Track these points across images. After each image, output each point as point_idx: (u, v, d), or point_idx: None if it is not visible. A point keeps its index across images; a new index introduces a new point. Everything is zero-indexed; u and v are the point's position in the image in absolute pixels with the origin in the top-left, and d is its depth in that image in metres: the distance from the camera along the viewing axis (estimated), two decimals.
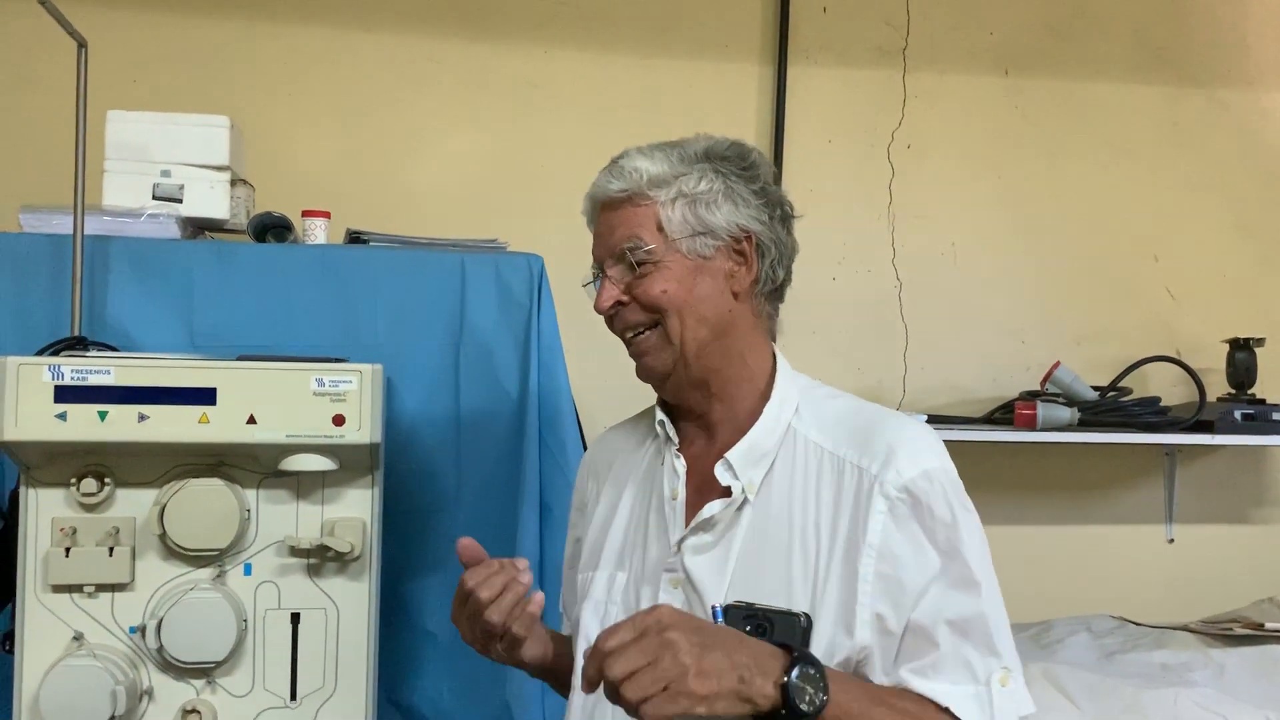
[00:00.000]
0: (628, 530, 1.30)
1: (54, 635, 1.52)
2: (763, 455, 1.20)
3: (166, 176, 1.88)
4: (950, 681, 1.10)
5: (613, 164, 1.25)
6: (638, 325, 1.24)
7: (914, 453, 1.15)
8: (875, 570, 1.12)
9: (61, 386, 1.44)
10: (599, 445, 1.46)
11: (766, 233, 1.23)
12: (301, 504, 1.58)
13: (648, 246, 1.21)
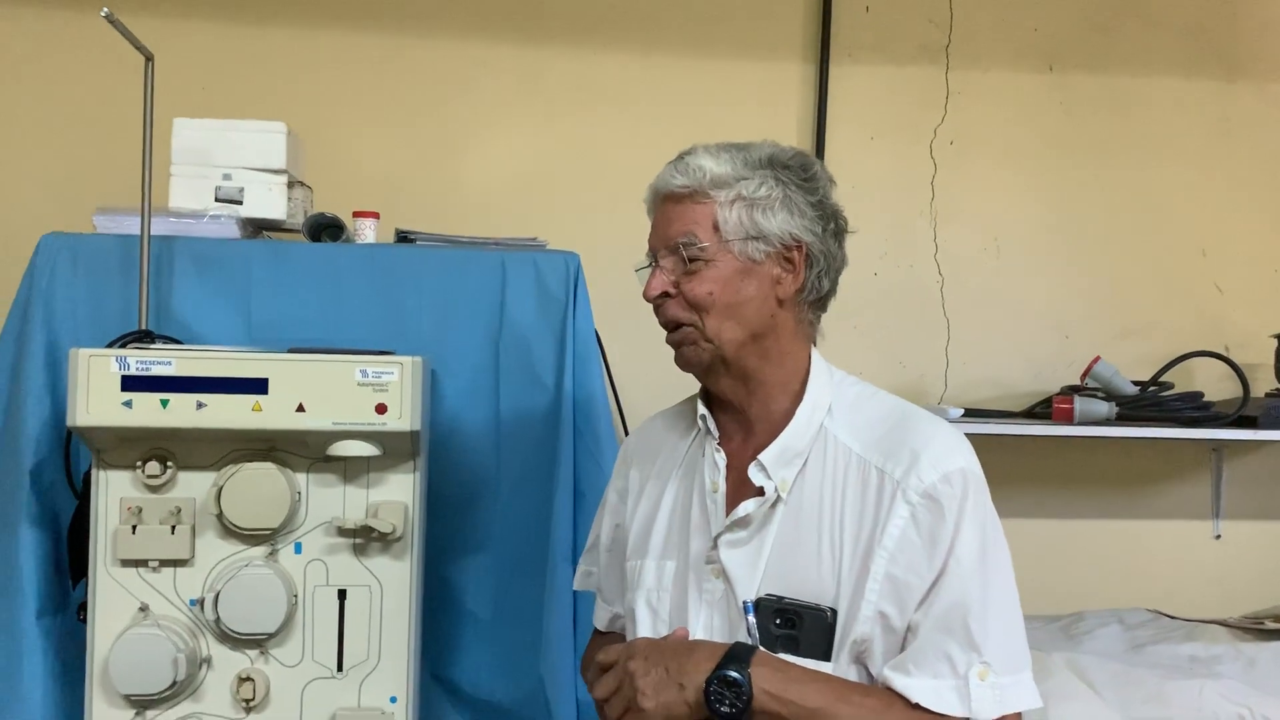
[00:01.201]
0: (672, 520, 1.35)
1: (122, 606, 1.63)
2: (795, 456, 1.26)
3: (228, 180, 1.98)
4: (930, 675, 1.15)
5: (679, 159, 1.30)
6: (680, 320, 1.29)
7: (936, 458, 1.19)
8: (886, 571, 1.17)
9: (127, 376, 1.56)
10: (640, 434, 1.51)
11: (818, 244, 1.28)
12: (348, 487, 1.68)
13: (701, 244, 1.26)
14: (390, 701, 1.68)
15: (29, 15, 2.44)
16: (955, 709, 1.14)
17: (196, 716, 1.65)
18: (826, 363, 1.34)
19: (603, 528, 1.50)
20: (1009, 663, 1.17)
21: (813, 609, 1.20)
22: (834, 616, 1.19)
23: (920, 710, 1.14)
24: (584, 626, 1.82)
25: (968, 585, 1.16)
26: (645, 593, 1.34)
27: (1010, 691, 1.16)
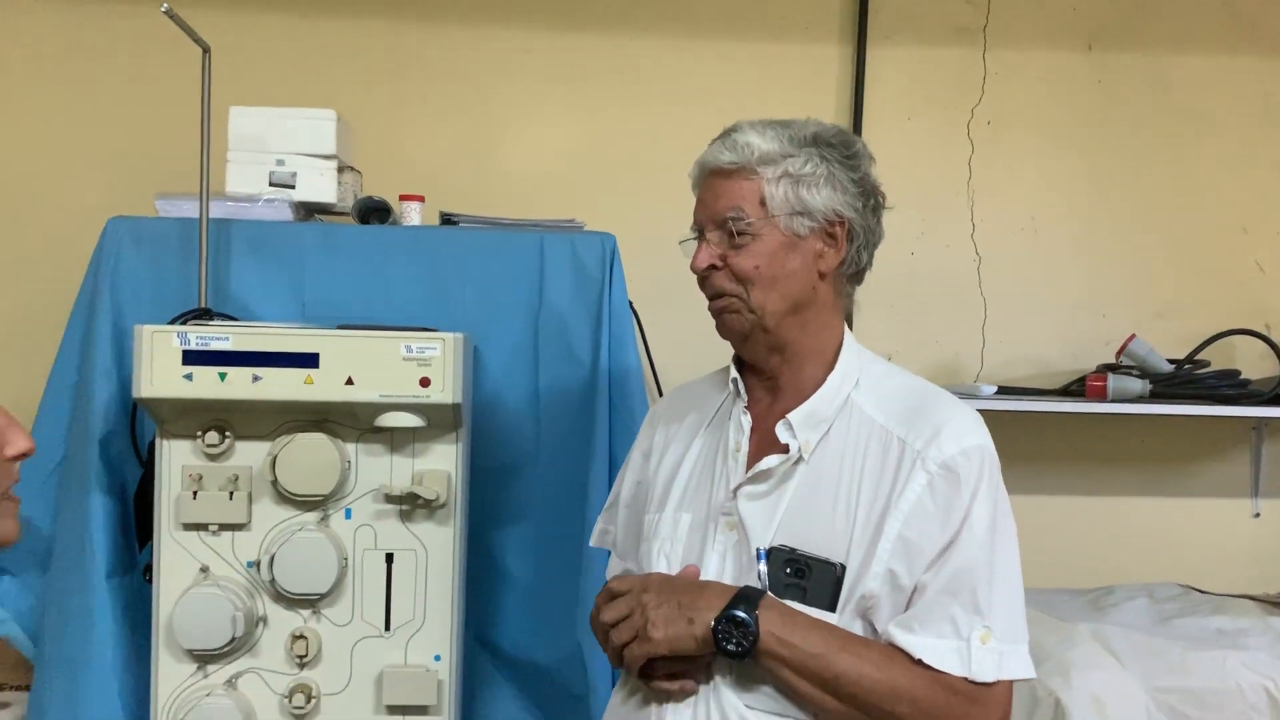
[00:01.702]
0: (693, 475, 1.40)
1: (185, 567, 1.74)
2: (821, 420, 1.31)
3: (281, 165, 2.07)
4: (934, 634, 1.20)
5: (726, 135, 1.34)
6: (725, 290, 1.34)
7: (956, 433, 1.25)
8: (899, 532, 1.22)
9: (188, 351, 1.66)
10: (670, 399, 1.57)
11: (859, 219, 1.33)
12: (394, 456, 1.77)
13: (748, 219, 1.30)
14: (435, 660, 1.77)
15: (94, 10, 2.55)
16: (955, 668, 1.19)
17: (254, 671, 1.75)
18: (856, 342, 1.39)
19: (624, 485, 1.55)
20: (1010, 632, 1.22)
21: (822, 562, 1.25)
22: (842, 571, 1.24)
23: (921, 666, 1.19)
24: None
25: (978, 554, 1.21)
26: (660, 542, 1.38)
27: (1009, 659, 1.21)
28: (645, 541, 1.42)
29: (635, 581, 1.31)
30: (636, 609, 1.26)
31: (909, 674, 1.20)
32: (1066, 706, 1.87)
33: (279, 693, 1.75)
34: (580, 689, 1.93)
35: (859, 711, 1.21)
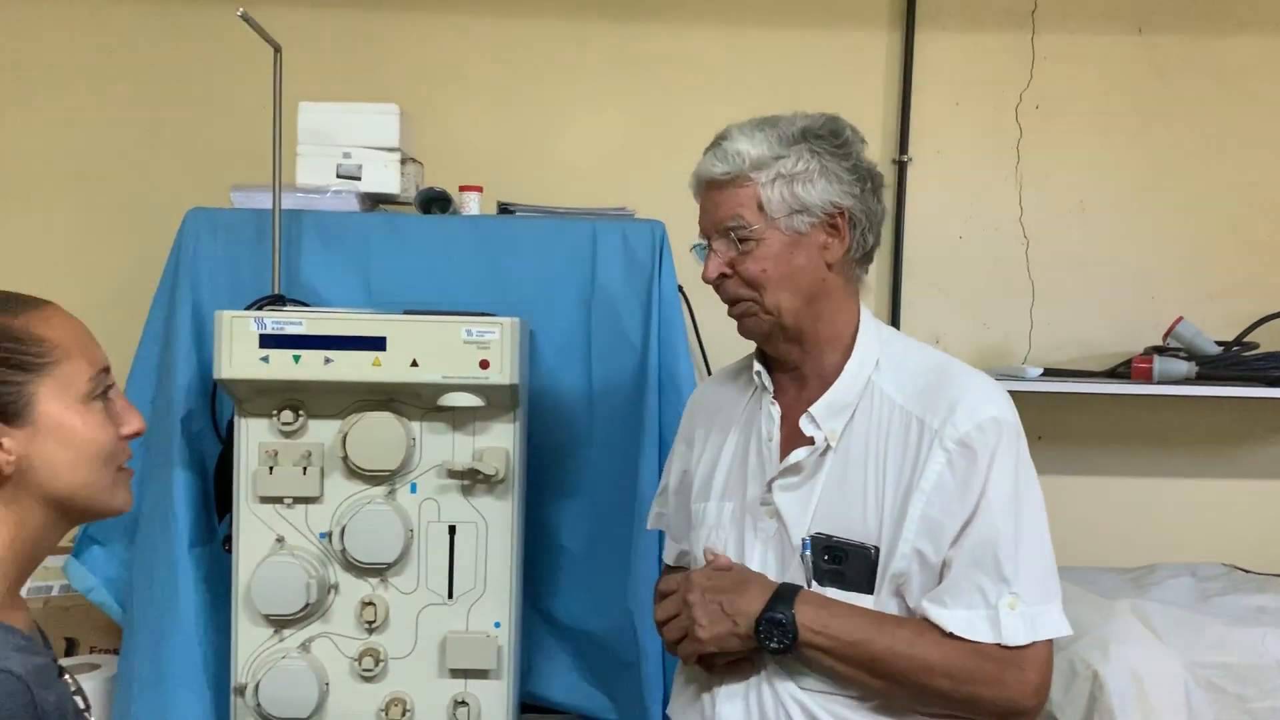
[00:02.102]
0: (732, 466, 1.46)
1: (262, 538, 1.85)
2: (844, 407, 1.35)
3: (347, 158, 2.16)
4: (964, 606, 1.25)
5: (716, 145, 1.36)
6: (740, 296, 1.38)
7: (971, 407, 1.28)
8: (923, 512, 1.27)
9: (264, 335, 1.76)
10: (703, 391, 1.63)
11: (858, 205, 1.35)
12: (456, 434, 1.86)
13: (750, 226, 1.33)
14: (495, 627, 1.87)
15: (172, 12, 2.68)
16: (986, 636, 1.24)
17: (326, 635, 1.87)
18: (874, 318, 1.43)
19: (671, 473, 1.62)
20: (1038, 594, 1.26)
21: (857, 547, 1.31)
22: (876, 554, 1.30)
23: (954, 639, 1.25)
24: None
25: (998, 524, 1.26)
26: (708, 531, 1.45)
27: (1040, 620, 1.25)
28: (694, 529, 1.49)
29: (680, 581, 1.39)
30: (683, 610, 1.35)
31: (943, 648, 1.25)
32: (1104, 680, 1.91)
33: (349, 656, 1.86)
34: (632, 656, 2.02)
35: (900, 688, 1.27)
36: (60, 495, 1.01)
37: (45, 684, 0.95)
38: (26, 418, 0.98)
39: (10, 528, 1.00)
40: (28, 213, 2.69)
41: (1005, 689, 1.25)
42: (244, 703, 1.85)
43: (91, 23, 2.69)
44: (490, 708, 1.88)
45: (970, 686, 1.25)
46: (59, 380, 1.00)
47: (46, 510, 1.02)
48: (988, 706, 1.27)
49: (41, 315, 1.02)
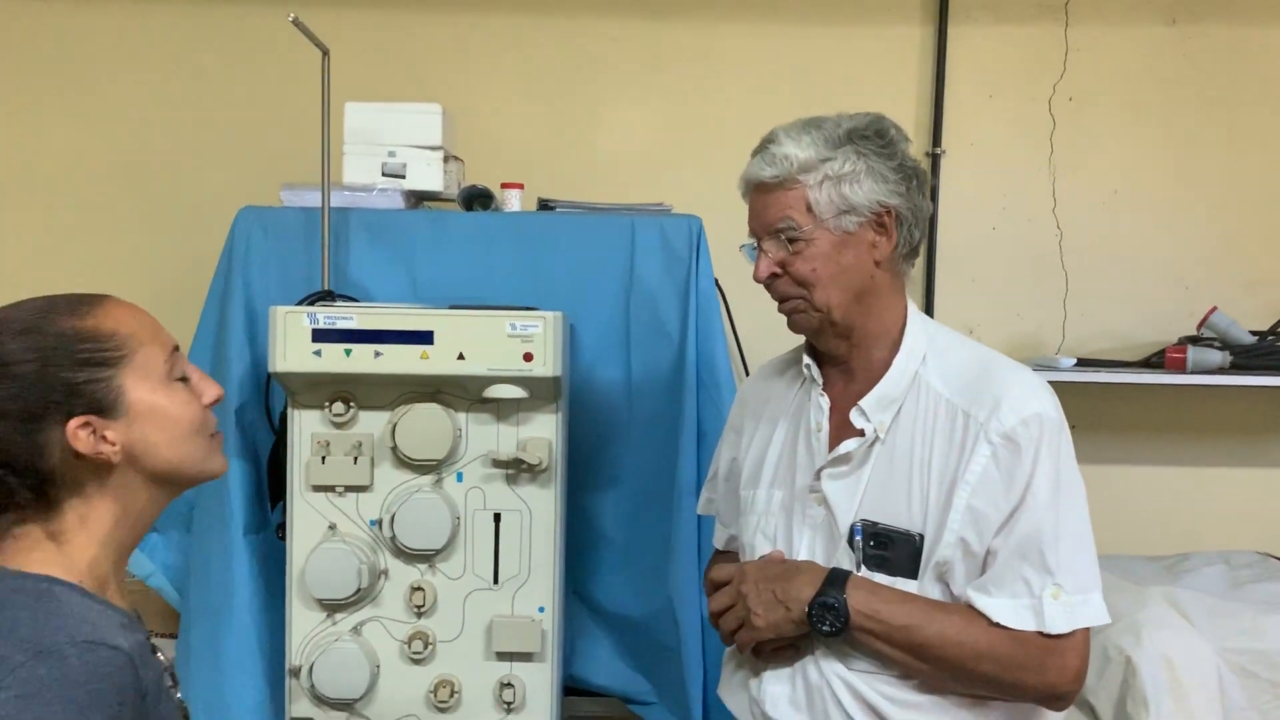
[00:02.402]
0: (781, 455, 1.51)
1: (314, 525, 1.92)
2: (892, 401, 1.40)
3: (392, 156, 2.22)
4: (1009, 595, 1.29)
5: (763, 149, 1.40)
6: (790, 294, 1.43)
7: (1015, 403, 1.32)
8: (967, 503, 1.31)
9: (317, 329, 1.83)
10: (753, 381, 1.68)
11: (904, 203, 1.38)
12: (501, 425, 1.92)
13: (800, 227, 1.37)
14: (539, 611, 1.93)
15: (222, 16, 2.75)
16: (1030, 625, 1.29)
17: (376, 619, 1.93)
18: (921, 313, 1.48)
19: (721, 460, 1.67)
20: (1079, 584, 1.30)
21: (903, 534, 1.35)
22: (921, 541, 1.34)
23: (999, 628, 1.29)
24: (707, 549, 2.02)
25: (1042, 517, 1.29)
26: (757, 518, 1.50)
27: (1080, 609, 1.30)
28: (743, 515, 1.53)
29: (733, 571, 1.45)
30: (739, 600, 1.41)
31: (988, 635, 1.29)
32: (1138, 665, 1.94)
33: (399, 639, 1.93)
34: (671, 641, 2.07)
35: (945, 672, 1.32)
36: (163, 471, 1.08)
37: (145, 661, 1.01)
38: (121, 408, 1.05)
39: (116, 510, 1.06)
40: (85, 212, 2.78)
41: (1047, 674, 1.30)
42: (298, 684, 1.91)
43: (146, 28, 2.78)
44: (535, 690, 1.94)
45: (1014, 672, 1.30)
46: (139, 368, 1.06)
47: (151, 488, 1.08)
48: (1030, 691, 1.32)
49: (106, 310, 1.08)
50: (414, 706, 1.93)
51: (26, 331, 1.03)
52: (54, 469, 1.02)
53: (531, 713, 1.94)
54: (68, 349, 1.03)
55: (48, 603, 0.98)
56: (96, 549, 1.05)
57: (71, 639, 0.94)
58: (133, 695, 0.97)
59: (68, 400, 1.02)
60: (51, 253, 2.76)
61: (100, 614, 1.00)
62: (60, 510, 1.04)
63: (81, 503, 1.04)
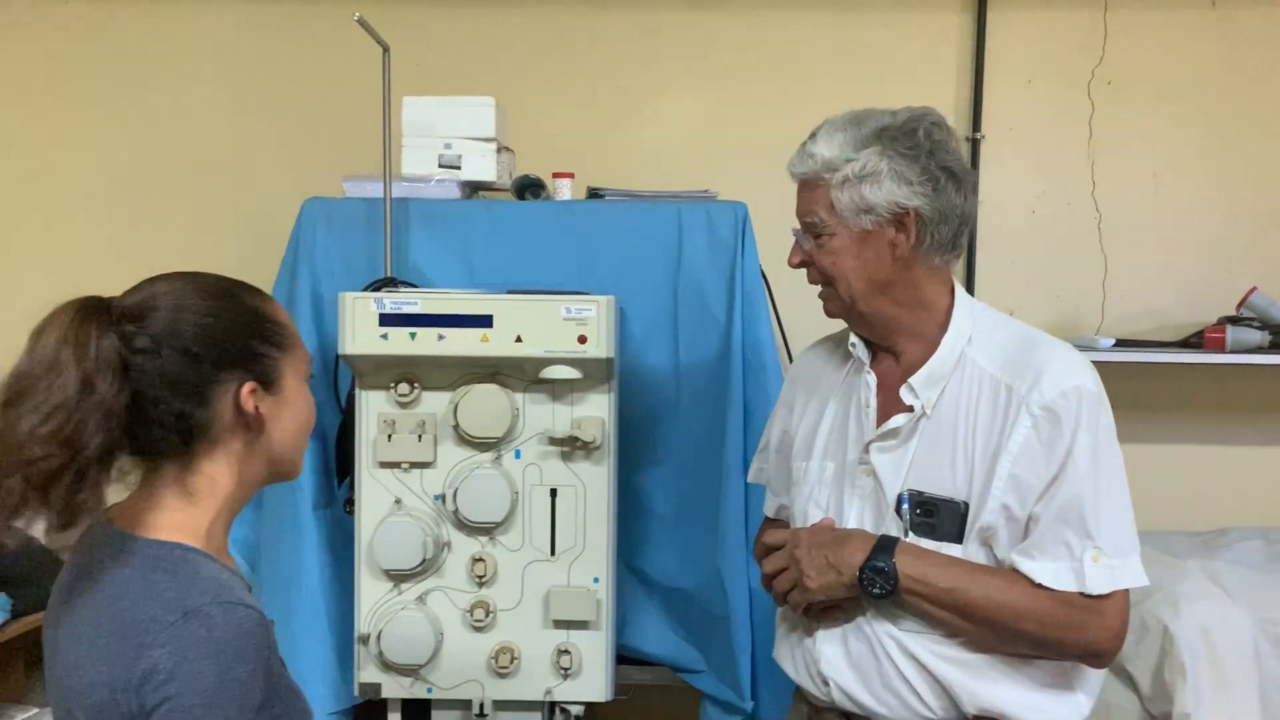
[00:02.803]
0: (833, 429, 1.58)
1: (381, 500, 2.02)
2: (939, 379, 1.47)
3: (448, 148, 2.30)
4: (1051, 559, 1.36)
5: (801, 146, 1.48)
6: (819, 282, 1.53)
7: (1057, 375, 1.39)
8: (1010, 471, 1.38)
9: (384, 314, 1.92)
10: (804, 359, 1.74)
11: (928, 204, 1.43)
12: (556, 405, 2.01)
13: (823, 223, 1.46)
14: (594, 581, 2.02)
15: (284, 13, 2.87)
16: (1071, 586, 1.35)
17: (440, 589, 2.03)
18: (968, 296, 1.54)
19: (773, 433, 1.74)
20: (1118, 547, 1.37)
21: (948, 501, 1.42)
22: (965, 508, 1.41)
23: (1042, 590, 1.36)
24: (754, 522, 2.08)
25: (1082, 484, 1.36)
26: (809, 488, 1.57)
27: (1119, 571, 1.36)
28: (795, 486, 1.61)
29: (786, 536, 1.53)
30: (791, 564, 1.49)
31: (1031, 596, 1.36)
32: (1175, 635, 2.00)
33: (461, 608, 2.02)
34: (721, 611, 2.14)
35: (991, 632, 1.39)
36: (278, 456, 1.18)
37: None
38: (277, 387, 1.15)
39: (237, 476, 1.15)
40: (156, 204, 2.92)
41: (1087, 633, 1.37)
42: (367, 650, 2.02)
43: (215, 28, 2.91)
44: (590, 656, 2.03)
45: (1056, 631, 1.37)
46: (295, 361, 1.18)
47: (264, 467, 1.18)
48: (1071, 649, 1.39)
49: (276, 306, 1.19)
50: (476, 672, 2.03)
51: (220, 295, 1.13)
52: (208, 420, 1.10)
53: (587, 678, 2.03)
54: (257, 322, 1.14)
55: (185, 568, 1.07)
56: (214, 514, 1.14)
57: (215, 600, 1.04)
58: (266, 650, 1.06)
59: (246, 364, 1.12)
60: (126, 242, 2.90)
61: (229, 577, 1.09)
62: (196, 467, 1.12)
63: (215, 465, 1.13)
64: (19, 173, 2.96)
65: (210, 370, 1.10)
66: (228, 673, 1.01)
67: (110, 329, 1.06)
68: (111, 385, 1.03)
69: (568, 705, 2.07)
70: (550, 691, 2.04)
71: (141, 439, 1.10)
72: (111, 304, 1.09)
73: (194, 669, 1.00)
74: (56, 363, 1.02)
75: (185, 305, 1.10)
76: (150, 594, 1.05)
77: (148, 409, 1.07)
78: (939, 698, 1.43)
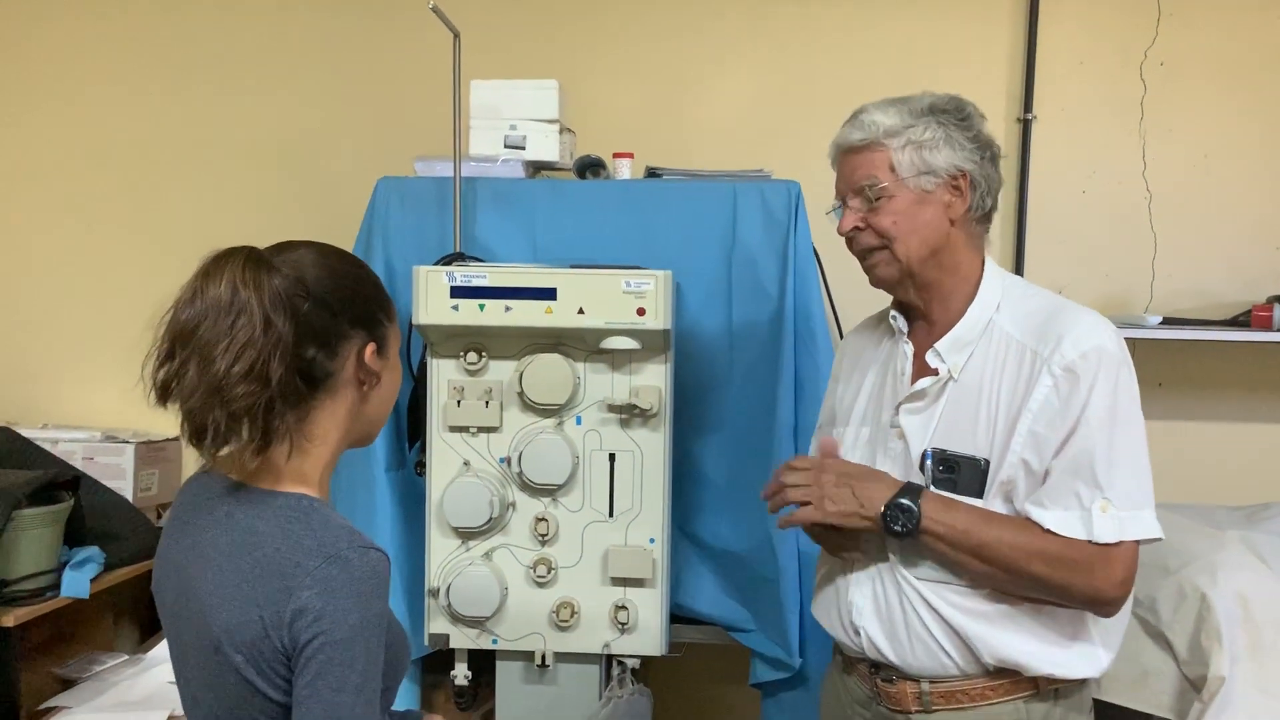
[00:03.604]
0: (871, 396, 1.68)
1: (450, 462, 2.14)
2: (966, 344, 1.55)
3: (513, 130, 2.41)
4: (1062, 508, 1.44)
5: (854, 118, 1.58)
6: (871, 246, 1.59)
7: (1077, 339, 1.47)
8: (1029, 428, 1.47)
9: (455, 286, 2.04)
10: (851, 337, 1.85)
11: (978, 170, 1.55)
12: (615, 374, 2.11)
13: (882, 184, 1.54)
14: (650, 542, 2.13)
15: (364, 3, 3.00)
16: (1079, 534, 1.43)
17: (505, 547, 2.15)
18: (998, 267, 1.62)
19: (825, 411, 1.85)
20: (1129, 500, 1.44)
21: (969, 459, 1.51)
22: (986, 465, 1.50)
23: (1051, 535, 1.44)
24: None
25: (1095, 438, 1.44)
26: (846, 452, 1.67)
27: (1128, 523, 1.44)
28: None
29: (816, 461, 1.61)
30: (815, 483, 1.56)
31: (1042, 539, 1.44)
32: (1212, 602, 2.05)
33: (525, 564, 2.14)
34: (771, 573, 2.24)
35: (1004, 572, 1.47)
36: (371, 418, 1.30)
37: None
38: (386, 354, 1.28)
39: (344, 431, 1.26)
40: (242, 183, 3.08)
41: (1094, 580, 1.44)
42: (437, 603, 2.15)
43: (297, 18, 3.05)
44: (646, 612, 2.14)
45: (1063, 573, 1.44)
46: (393, 333, 1.30)
47: (358, 428, 1.29)
48: (1077, 594, 1.46)
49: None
50: (538, 625, 2.14)
51: (354, 264, 1.26)
52: (333, 370, 1.21)
53: (643, 633, 2.14)
54: (379, 293, 1.26)
55: (317, 516, 1.18)
56: (324, 465, 1.25)
57: (350, 544, 1.15)
58: (387, 588, 1.18)
59: (370, 327, 1.24)
60: (214, 219, 3.07)
61: (348, 522, 1.20)
62: (312, 417, 1.22)
63: (326, 415, 1.23)
64: (113, 153, 3.14)
65: (345, 325, 1.21)
66: (368, 609, 1.13)
67: (277, 274, 1.16)
68: (287, 322, 1.14)
69: (624, 658, 2.18)
70: (608, 645, 2.15)
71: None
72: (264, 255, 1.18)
73: (340, 606, 1.11)
74: (235, 303, 1.11)
75: (327, 265, 1.22)
76: (290, 541, 1.15)
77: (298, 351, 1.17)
78: (959, 649, 1.51)
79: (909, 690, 1.56)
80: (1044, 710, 1.53)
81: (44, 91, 3.15)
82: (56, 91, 3.15)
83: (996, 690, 1.52)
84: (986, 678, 1.52)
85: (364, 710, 1.11)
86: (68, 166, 3.15)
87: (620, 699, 2.16)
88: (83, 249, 3.15)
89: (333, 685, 1.10)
